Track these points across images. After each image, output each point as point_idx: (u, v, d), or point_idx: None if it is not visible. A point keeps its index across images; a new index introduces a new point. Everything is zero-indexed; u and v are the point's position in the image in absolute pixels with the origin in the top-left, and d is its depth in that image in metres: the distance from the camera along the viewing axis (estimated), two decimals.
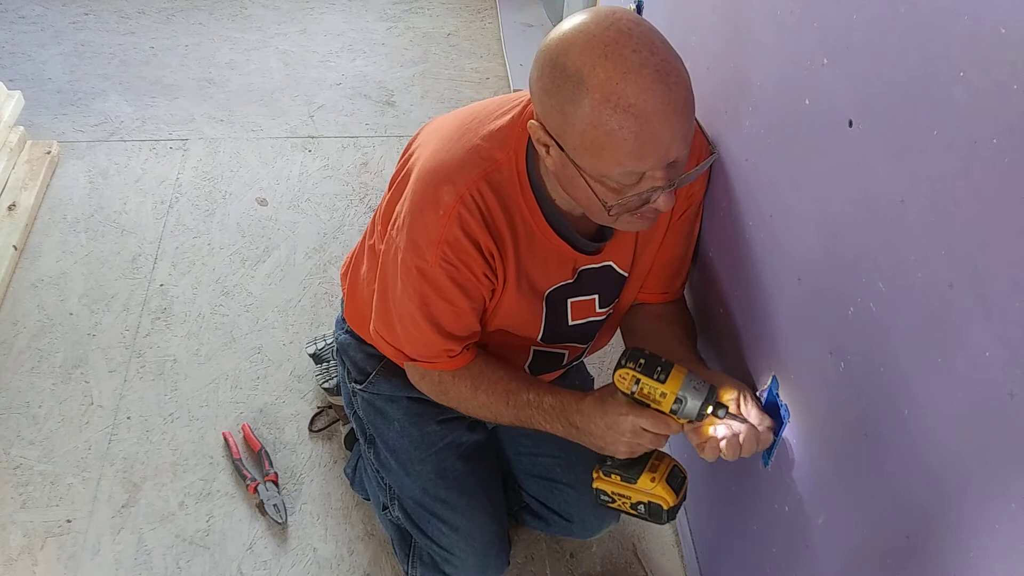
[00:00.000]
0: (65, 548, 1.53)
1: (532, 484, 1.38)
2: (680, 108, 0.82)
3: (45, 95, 2.43)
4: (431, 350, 1.09)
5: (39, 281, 1.96)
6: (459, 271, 1.01)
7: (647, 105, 0.79)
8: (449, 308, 1.04)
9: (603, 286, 1.13)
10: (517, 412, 1.08)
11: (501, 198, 0.99)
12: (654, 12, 1.54)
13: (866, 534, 0.82)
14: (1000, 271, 0.57)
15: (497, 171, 0.98)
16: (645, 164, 0.84)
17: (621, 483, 1.03)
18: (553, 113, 0.85)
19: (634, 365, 0.94)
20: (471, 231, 0.98)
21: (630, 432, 0.96)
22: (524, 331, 1.15)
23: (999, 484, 0.59)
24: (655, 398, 0.94)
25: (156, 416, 1.72)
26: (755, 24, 1.01)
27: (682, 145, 0.85)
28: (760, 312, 1.06)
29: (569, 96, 0.81)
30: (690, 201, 1.11)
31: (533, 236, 1.03)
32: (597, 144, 0.82)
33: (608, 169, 0.85)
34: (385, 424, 1.31)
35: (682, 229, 1.14)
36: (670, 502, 1.01)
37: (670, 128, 0.82)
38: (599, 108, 0.80)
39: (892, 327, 0.73)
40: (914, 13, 0.65)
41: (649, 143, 0.82)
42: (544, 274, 1.08)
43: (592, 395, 1.02)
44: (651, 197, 0.88)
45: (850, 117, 0.77)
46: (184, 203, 2.15)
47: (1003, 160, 0.56)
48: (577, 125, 0.82)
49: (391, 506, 1.34)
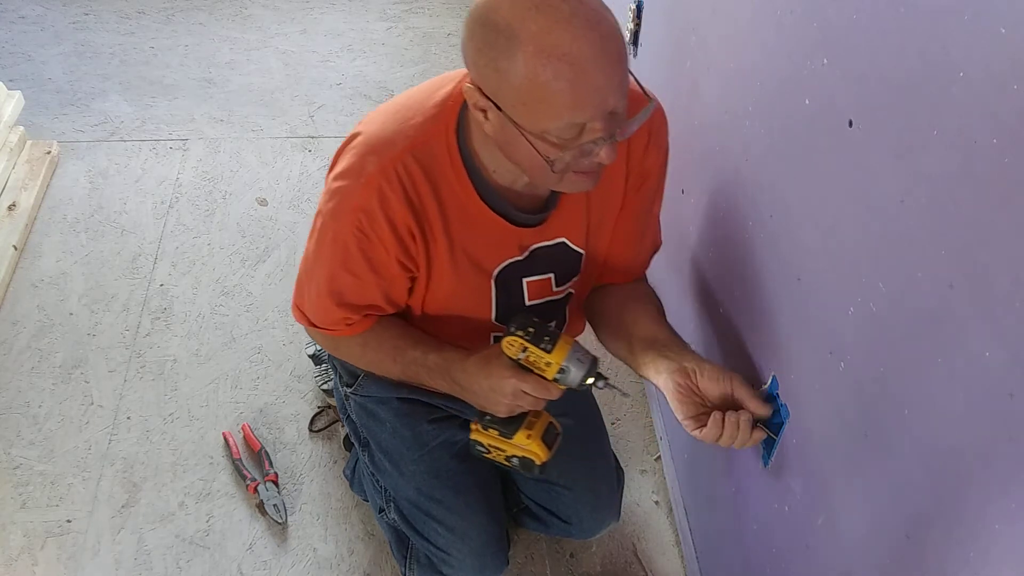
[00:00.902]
0: (65, 548, 1.53)
1: (529, 486, 1.38)
2: (613, 55, 0.81)
3: (45, 95, 2.43)
4: (330, 317, 1.10)
5: (39, 281, 1.96)
6: (371, 245, 1.00)
7: (581, 53, 0.79)
8: (354, 280, 1.05)
9: (558, 264, 1.11)
10: (404, 369, 1.12)
11: (428, 172, 0.98)
12: (654, 12, 1.54)
13: (866, 534, 0.82)
14: (1000, 271, 0.57)
15: (425, 144, 0.97)
16: (584, 114, 0.83)
17: (498, 437, 1.08)
18: (488, 72, 0.84)
19: (523, 333, 0.97)
20: (388, 207, 0.97)
21: (511, 394, 1.01)
22: (474, 312, 1.13)
23: (999, 484, 0.59)
24: (540, 366, 0.98)
25: (156, 416, 1.72)
26: (755, 24, 1.01)
27: (619, 94, 0.84)
28: (760, 312, 1.06)
29: (502, 52, 0.81)
30: (644, 176, 1.08)
31: (467, 212, 1.01)
32: (535, 97, 0.82)
33: (548, 123, 0.84)
34: (378, 426, 1.31)
35: (639, 206, 1.11)
36: (543, 457, 1.07)
37: (605, 75, 0.81)
38: (533, 60, 0.79)
39: (892, 327, 0.73)
40: (914, 13, 0.65)
41: (586, 92, 0.81)
42: (486, 252, 1.06)
43: (477, 355, 1.05)
44: (593, 150, 0.87)
45: (850, 117, 0.77)
46: (184, 203, 2.15)
47: (1003, 160, 0.56)
48: (513, 80, 0.82)
49: (387, 508, 1.34)
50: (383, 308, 1.12)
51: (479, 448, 1.11)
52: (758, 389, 1.06)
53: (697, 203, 1.31)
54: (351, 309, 1.09)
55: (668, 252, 1.49)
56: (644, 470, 1.67)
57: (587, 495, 1.34)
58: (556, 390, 1.01)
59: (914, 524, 0.72)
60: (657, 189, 1.13)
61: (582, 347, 1.00)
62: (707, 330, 1.28)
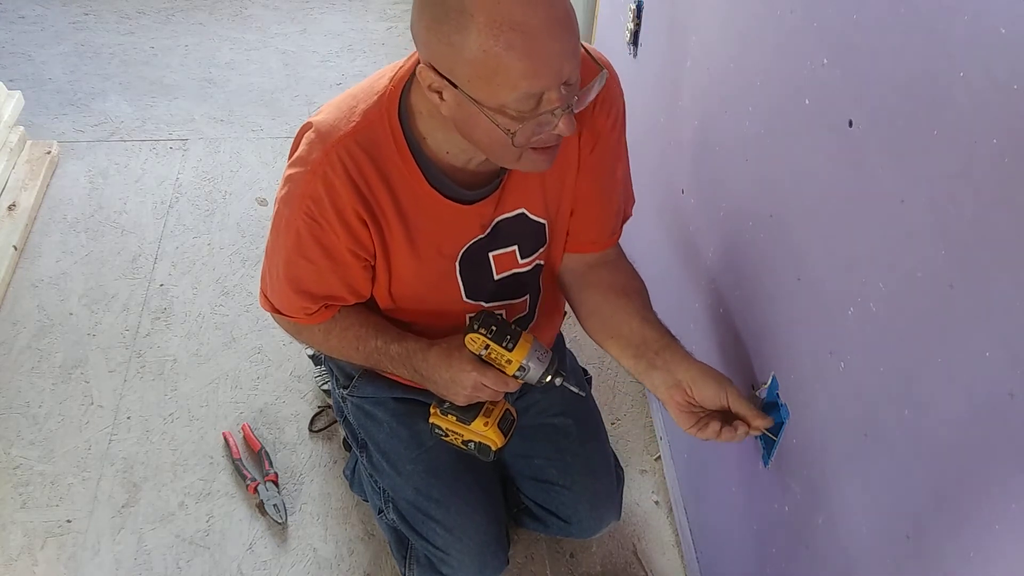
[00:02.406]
0: (65, 548, 1.53)
1: (528, 486, 1.38)
2: (564, 22, 0.82)
3: (45, 95, 2.43)
4: (291, 304, 1.11)
5: (39, 281, 1.96)
6: (323, 231, 1.00)
7: (532, 21, 0.79)
8: (310, 267, 1.05)
9: (521, 236, 1.10)
10: (367, 358, 1.14)
11: (374, 158, 0.97)
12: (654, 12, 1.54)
13: (865, 534, 0.82)
14: (1000, 271, 0.57)
15: (367, 129, 0.97)
16: (540, 83, 0.83)
17: (456, 423, 1.12)
18: (440, 49, 0.83)
19: (486, 331, 1.01)
20: (335, 194, 0.98)
21: (471, 387, 1.04)
22: (444, 295, 1.12)
23: (999, 484, 0.59)
24: (501, 363, 1.03)
25: (156, 416, 1.72)
26: (755, 24, 1.01)
27: (572, 61, 0.84)
28: (760, 312, 1.06)
29: (454, 27, 0.80)
30: (597, 137, 1.06)
31: (419, 198, 1.01)
32: (490, 69, 0.82)
33: (505, 95, 0.84)
34: (375, 427, 1.31)
35: (596, 168, 1.09)
36: (498, 444, 1.12)
37: (558, 42, 0.82)
38: (486, 32, 0.79)
39: (892, 327, 0.73)
40: (914, 13, 0.65)
41: (540, 60, 0.81)
42: (446, 237, 1.06)
43: (439, 347, 1.07)
44: (552, 121, 0.87)
45: (850, 117, 0.77)
46: (184, 203, 2.15)
47: (1003, 160, 0.56)
48: (467, 54, 0.81)
49: (386, 509, 1.34)
50: (344, 298, 1.11)
51: (438, 431, 1.15)
52: (758, 389, 1.06)
53: (697, 203, 1.31)
54: (309, 298, 1.09)
55: (668, 252, 1.49)
56: (644, 470, 1.67)
57: (586, 494, 1.34)
58: (515, 384, 1.04)
59: (914, 524, 0.72)
60: (616, 152, 1.10)
61: (542, 346, 1.04)
62: (707, 330, 1.28)
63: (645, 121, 1.62)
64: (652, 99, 1.56)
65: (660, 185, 1.52)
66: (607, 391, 1.79)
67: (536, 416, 1.35)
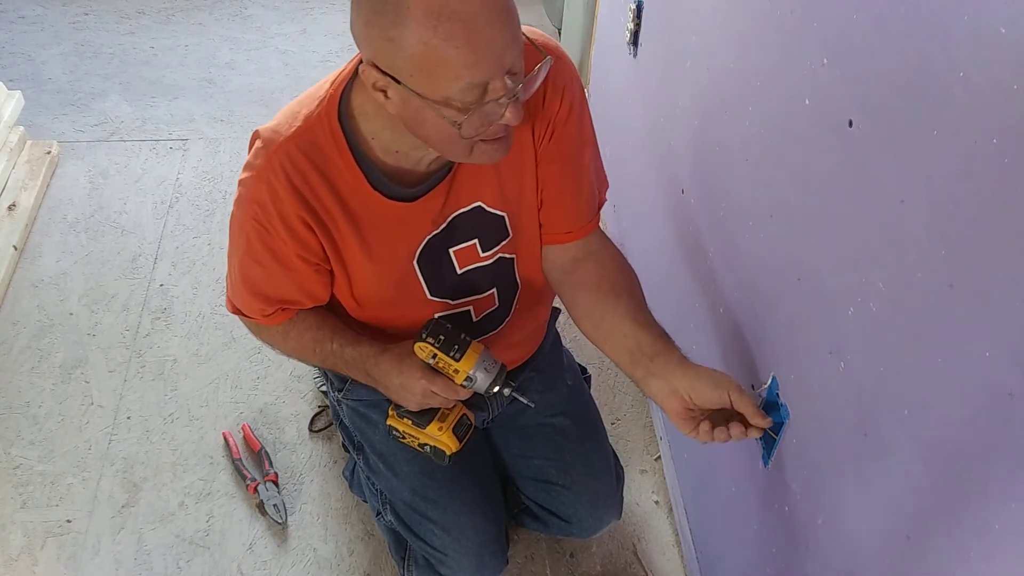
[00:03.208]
0: (65, 548, 1.53)
1: (528, 486, 1.38)
2: (502, 11, 0.81)
3: (45, 95, 2.43)
4: (248, 305, 1.12)
5: (39, 281, 1.96)
6: (270, 236, 1.01)
7: (471, 11, 0.79)
8: (262, 271, 1.06)
9: (480, 229, 1.09)
10: (323, 359, 1.15)
11: (317, 164, 0.97)
12: (654, 12, 1.54)
13: (866, 534, 0.82)
14: (1000, 271, 0.57)
15: (308, 134, 0.97)
16: (482, 72, 0.83)
17: (412, 426, 1.12)
18: (380, 45, 0.83)
19: (434, 341, 1.02)
20: (278, 200, 0.98)
21: (420, 393, 1.05)
22: (408, 295, 1.12)
23: (999, 484, 0.59)
24: (449, 372, 1.04)
25: (156, 416, 1.72)
26: (755, 24, 1.01)
27: (514, 49, 0.84)
28: (760, 312, 1.06)
29: (392, 21, 0.80)
30: (552, 125, 1.04)
31: (366, 203, 1.00)
32: (431, 61, 0.81)
33: (448, 87, 0.83)
34: (370, 429, 1.31)
35: (559, 156, 1.06)
36: (453, 448, 1.12)
37: (498, 31, 0.81)
38: (424, 24, 0.78)
39: (892, 327, 0.73)
40: (914, 13, 0.66)
41: (481, 48, 0.81)
42: (399, 239, 1.06)
43: (391, 352, 1.07)
44: (498, 111, 0.87)
45: (850, 117, 0.77)
46: (184, 203, 2.15)
47: (1003, 160, 0.56)
48: (407, 48, 0.81)
49: (384, 511, 1.34)
50: (299, 301, 1.12)
51: (395, 434, 1.16)
52: (758, 389, 1.06)
53: (697, 203, 1.31)
54: (265, 300, 1.10)
55: (668, 252, 1.49)
56: (644, 470, 1.67)
57: (586, 494, 1.34)
58: (464, 393, 1.05)
59: (914, 524, 0.72)
60: (579, 137, 1.07)
61: (491, 356, 1.05)
62: (707, 330, 1.28)
63: (645, 121, 1.62)
64: (652, 99, 1.56)
65: (660, 185, 1.52)
66: (607, 391, 1.79)
67: (535, 416, 1.35)
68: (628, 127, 1.78)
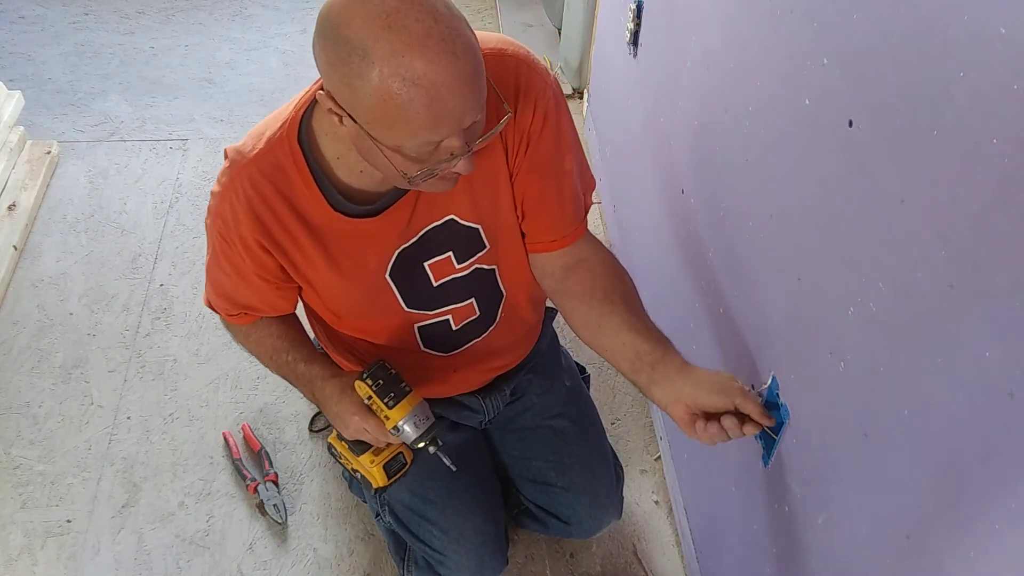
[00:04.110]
0: (65, 548, 1.53)
1: (527, 488, 1.38)
2: (470, 76, 0.80)
3: (45, 95, 2.43)
4: (216, 303, 1.17)
5: (39, 281, 1.96)
6: (232, 251, 1.04)
7: (435, 77, 0.77)
8: (225, 277, 1.10)
9: (454, 242, 1.08)
10: (278, 368, 1.18)
11: (278, 185, 0.98)
12: (654, 12, 1.54)
13: (866, 534, 0.82)
14: (1000, 271, 0.57)
15: (268, 156, 0.98)
16: (440, 134, 0.82)
17: (347, 450, 1.15)
18: (341, 87, 0.82)
19: (372, 383, 1.03)
20: (238, 221, 1.01)
21: (353, 428, 1.06)
22: (384, 308, 1.12)
23: (999, 484, 0.59)
24: (380, 417, 1.05)
25: (156, 416, 1.72)
26: (755, 24, 1.01)
27: (475, 111, 0.83)
28: (760, 312, 1.06)
29: (355, 70, 0.79)
30: (527, 137, 1.01)
31: (328, 222, 1.01)
32: (389, 117, 0.80)
33: (403, 140, 0.83)
34: None
35: (538, 166, 1.04)
36: (380, 483, 1.14)
37: (461, 98, 0.80)
38: (387, 82, 0.77)
39: (892, 327, 0.73)
40: (914, 13, 0.65)
41: (441, 114, 0.80)
42: (367, 255, 1.05)
43: (336, 380, 1.08)
44: (450, 162, 0.86)
45: (850, 117, 0.77)
46: (184, 203, 2.15)
47: (1003, 160, 0.56)
48: (366, 99, 0.80)
49: (383, 512, 1.34)
50: (261, 310, 1.15)
51: (333, 451, 1.19)
52: (758, 389, 1.06)
53: (697, 203, 1.31)
54: (229, 302, 1.14)
55: (668, 252, 1.49)
56: (644, 470, 1.67)
57: (585, 495, 1.34)
58: (393, 439, 1.07)
59: (914, 524, 0.72)
60: (558, 145, 1.05)
61: (426, 411, 1.06)
62: (707, 330, 1.28)
63: (645, 121, 1.62)
64: (652, 99, 1.56)
65: (660, 185, 1.52)
66: (607, 391, 1.79)
67: (534, 418, 1.35)
68: (628, 127, 1.78)
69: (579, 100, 2.47)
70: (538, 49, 2.61)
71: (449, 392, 1.30)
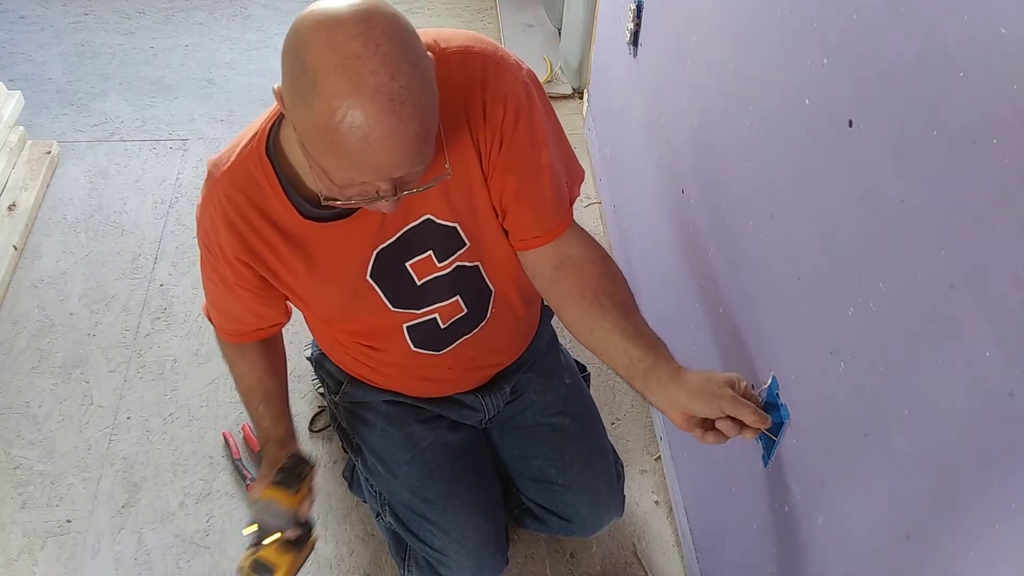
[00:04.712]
0: (65, 548, 1.53)
1: (528, 487, 1.38)
2: (408, 139, 0.79)
3: (45, 95, 2.43)
4: (212, 314, 1.20)
5: (39, 281, 1.96)
6: (216, 262, 1.07)
7: (372, 132, 0.77)
8: (213, 286, 1.12)
9: (433, 241, 1.07)
10: (247, 407, 1.23)
11: (251, 196, 0.99)
12: (654, 12, 1.54)
13: (866, 534, 0.82)
14: (1000, 271, 0.57)
15: (240, 169, 0.98)
16: (362, 178, 0.83)
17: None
18: (289, 97, 0.81)
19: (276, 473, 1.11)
20: (217, 233, 1.02)
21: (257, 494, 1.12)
22: (370, 309, 1.12)
23: (999, 484, 0.59)
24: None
25: (156, 416, 1.72)
26: (755, 24, 1.01)
27: (409, 167, 0.82)
28: (760, 312, 1.06)
29: (303, 92, 0.78)
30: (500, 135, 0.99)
31: (301, 227, 1.01)
32: (321, 146, 0.80)
33: (330, 169, 0.83)
34: (368, 430, 1.31)
35: (514, 165, 1.02)
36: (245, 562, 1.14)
37: (394, 156, 0.80)
38: (326, 118, 0.77)
39: (892, 327, 0.73)
40: (914, 13, 0.66)
41: (369, 164, 0.80)
42: (345, 258, 1.06)
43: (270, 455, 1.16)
44: (374, 200, 0.86)
45: (850, 117, 0.77)
46: (184, 203, 2.15)
47: (1003, 160, 0.56)
48: (306, 121, 0.80)
49: (383, 512, 1.34)
50: (250, 322, 1.16)
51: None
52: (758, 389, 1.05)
53: (697, 203, 1.31)
54: (220, 313, 1.17)
55: (668, 252, 1.49)
56: (644, 470, 1.67)
57: (586, 493, 1.34)
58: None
59: (914, 524, 0.72)
60: (530, 142, 1.01)
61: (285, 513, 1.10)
62: (707, 330, 1.28)
63: (645, 121, 1.62)
64: (652, 99, 1.56)
65: (660, 185, 1.52)
66: (607, 391, 1.79)
67: (534, 416, 1.35)
68: (628, 127, 1.78)
69: (579, 100, 2.47)
70: (538, 49, 2.61)
71: (448, 391, 1.30)
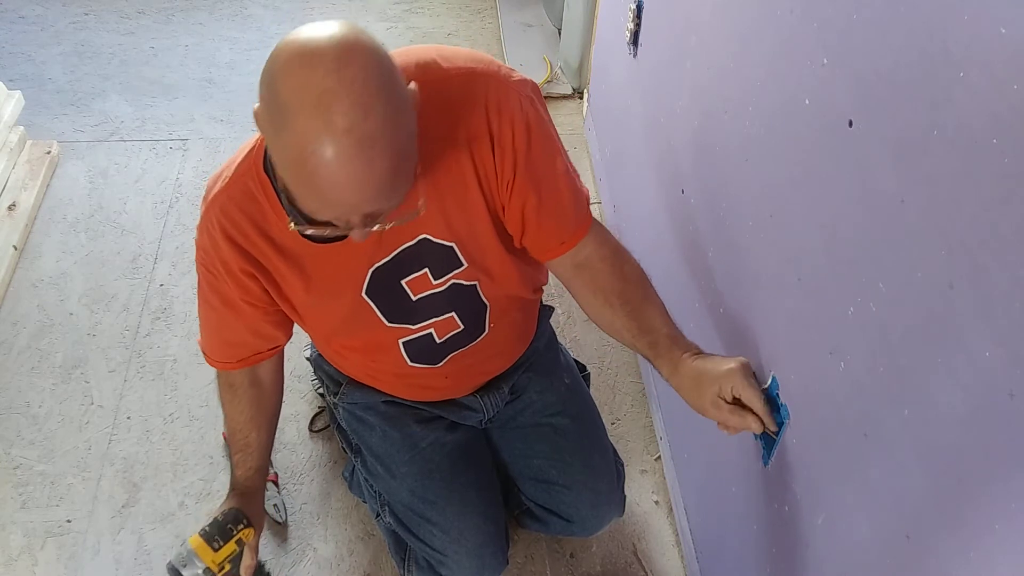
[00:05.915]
0: (65, 548, 1.53)
1: (528, 487, 1.38)
2: (376, 181, 0.78)
3: (45, 95, 2.43)
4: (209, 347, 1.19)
5: (39, 281, 1.96)
6: (217, 281, 1.06)
7: (339, 171, 0.75)
8: (214, 312, 1.11)
9: (429, 259, 1.08)
10: (231, 443, 1.27)
11: (248, 212, 0.99)
12: (654, 12, 1.54)
13: (866, 534, 0.82)
14: (1000, 271, 0.57)
15: (238, 184, 0.98)
16: (334, 213, 0.82)
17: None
18: (264, 121, 0.80)
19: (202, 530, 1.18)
20: (219, 249, 1.02)
21: None
22: (366, 325, 1.12)
23: (999, 484, 0.59)
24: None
25: (156, 416, 1.72)
26: (755, 24, 1.01)
27: (376, 205, 0.82)
28: (760, 312, 1.06)
29: (275, 122, 0.77)
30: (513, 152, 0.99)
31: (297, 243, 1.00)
32: (289, 176, 0.80)
33: (298, 199, 0.82)
34: (367, 431, 1.31)
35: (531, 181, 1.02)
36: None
37: (361, 195, 0.79)
38: (296, 152, 0.76)
39: (892, 327, 0.73)
40: (914, 13, 0.66)
41: (334, 201, 0.79)
42: (341, 275, 1.06)
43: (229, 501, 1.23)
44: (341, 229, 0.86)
45: (850, 117, 0.77)
46: (184, 203, 2.15)
47: (1003, 160, 0.56)
48: (276, 150, 0.80)
49: (383, 513, 1.34)
50: (253, 345, 1.16)
51: None
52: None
53: (697, 203, 1.31)
54: (221, 342, 1.16)
55: (668, 252, 1.49)
56: (644, 470, 1.67)
57: (586, 493, 1.34)
58: None
59: (914, 524, 0.72)
60: (545, 153, 1.02)
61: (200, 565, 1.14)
62: (707, 330, 1.28)
63: (645, 121, 1.62)
64: (652, 99, 1.56)
65: (660, 185, 1.52)
66: (607, 391, 1.79)
67: (533, 416, 1.35)
68: (628, 127, 1.78)
69: (579, 100, 2.47)
70: (538, 49, 2.61)
71: (446, 396, 1.30)
